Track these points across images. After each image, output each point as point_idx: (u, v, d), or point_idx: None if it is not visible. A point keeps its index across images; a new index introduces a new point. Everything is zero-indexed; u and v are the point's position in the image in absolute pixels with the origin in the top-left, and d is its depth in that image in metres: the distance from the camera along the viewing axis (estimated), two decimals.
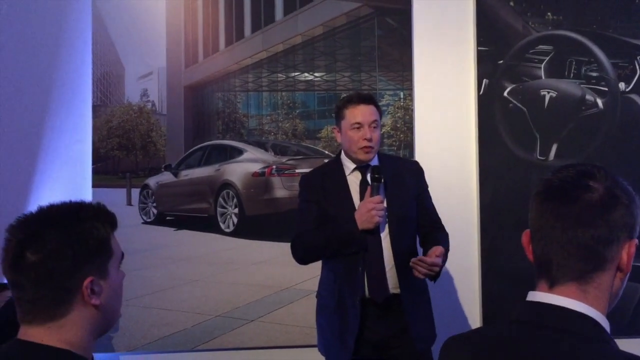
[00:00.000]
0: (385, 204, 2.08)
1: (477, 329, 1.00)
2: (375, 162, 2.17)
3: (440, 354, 1.01)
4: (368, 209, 2.00)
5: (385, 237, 2.10)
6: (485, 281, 2.99)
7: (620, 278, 0.90)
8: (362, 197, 2.09)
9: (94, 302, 0.98)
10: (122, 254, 1.07)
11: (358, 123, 2.09)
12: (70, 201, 1.03)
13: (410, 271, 2.02)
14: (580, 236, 0.87)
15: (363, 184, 2.12)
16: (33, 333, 0.96)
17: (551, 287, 0.90)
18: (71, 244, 0.96)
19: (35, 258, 0.94)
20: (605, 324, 0.88)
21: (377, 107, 2.17)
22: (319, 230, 2.11)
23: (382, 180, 2.06)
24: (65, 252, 0.95)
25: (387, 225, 2.10)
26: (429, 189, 2.28)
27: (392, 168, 2.18)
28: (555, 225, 0.88)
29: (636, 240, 0.90)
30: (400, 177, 2.18)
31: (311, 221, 2.13)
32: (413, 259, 1.97)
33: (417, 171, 2.25)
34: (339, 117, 2.17)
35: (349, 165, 2.18)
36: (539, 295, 0.90)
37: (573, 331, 0.85)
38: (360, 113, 2.10)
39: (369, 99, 2.15)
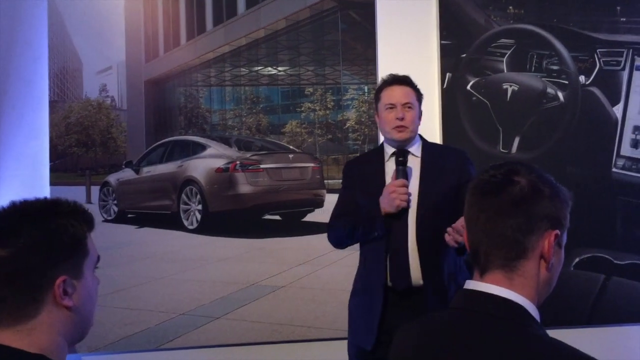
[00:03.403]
0: (414, 189, 2.05)
1: (424, 316, 1.05)
2: (416, 149, 2.16)
3: (392, 341, 1.07)
4: (389, 192, 2.00)
5: (412, 224, 2.06)
6: None
7: (546, 267, 0.96)
8: None
9: (66, 303, 0.93)
10: (98, 257, 1.02)
11: (391, 104, 2.12)
12: (45, 198, 0.98)
13: (436, 264, 2.01)
14: (500, 226, 0.94)
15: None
16: (1, 337, 0.90)
17: (482, 275, 0.97)
18: (46, 238, 0.91)
19: (6, 253, 0.89)
20: (531, 309, 0.93)
21: (415, 89, 2.17)
22: (349, 215, 2.13)
23: (407, 164, 2.05)
24: (39, 247, 0.90)
25: (416, 213, 2.06)
26: None
27: (433, 155, 2.16)
28: (480, 217, 0.96)
29: (557, 231, 0.95)
30: (440, 165, 2.13)
31: (344, 207, 2.18)
32: (449, 228, 1.90)
33: (462, 159, 2.17)
34: (376, 100, 2.20)
35: (388, 151, 2.17)
36: (472, 284, 0.98)
37: (498, 315, 0.92)
38: (394, 94, 2.13)
39: (403, 81, 2.16)
